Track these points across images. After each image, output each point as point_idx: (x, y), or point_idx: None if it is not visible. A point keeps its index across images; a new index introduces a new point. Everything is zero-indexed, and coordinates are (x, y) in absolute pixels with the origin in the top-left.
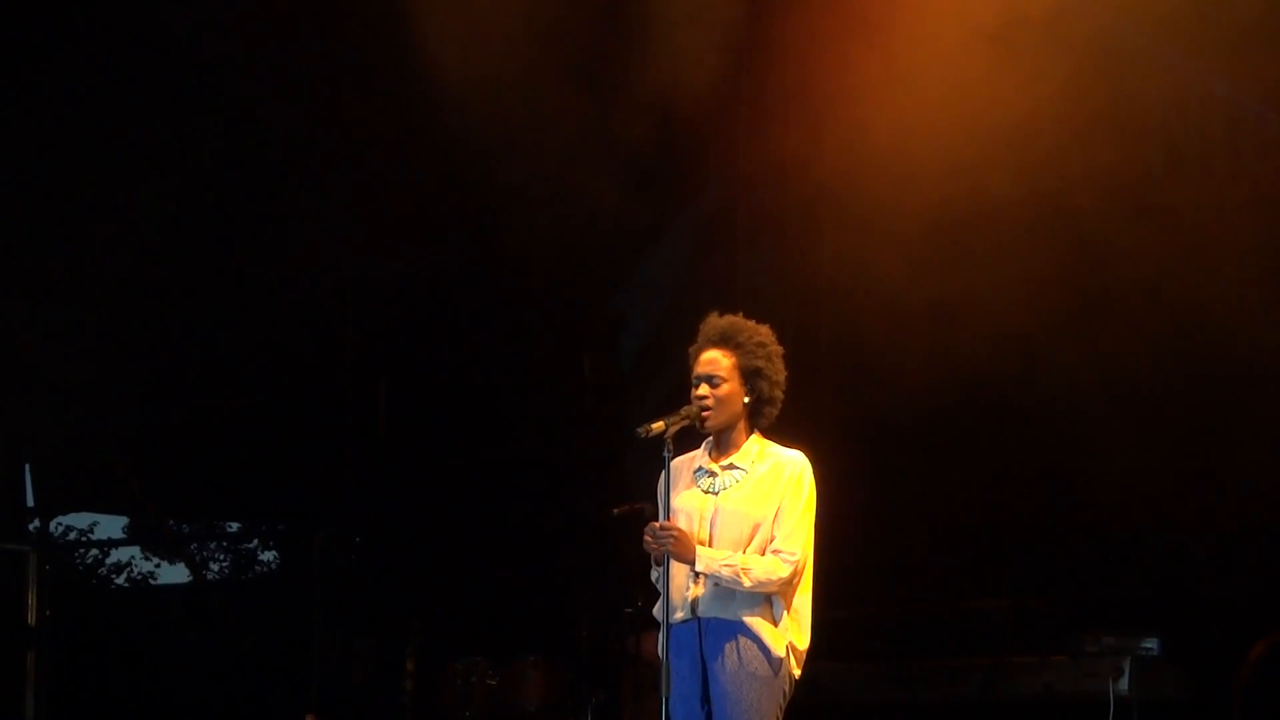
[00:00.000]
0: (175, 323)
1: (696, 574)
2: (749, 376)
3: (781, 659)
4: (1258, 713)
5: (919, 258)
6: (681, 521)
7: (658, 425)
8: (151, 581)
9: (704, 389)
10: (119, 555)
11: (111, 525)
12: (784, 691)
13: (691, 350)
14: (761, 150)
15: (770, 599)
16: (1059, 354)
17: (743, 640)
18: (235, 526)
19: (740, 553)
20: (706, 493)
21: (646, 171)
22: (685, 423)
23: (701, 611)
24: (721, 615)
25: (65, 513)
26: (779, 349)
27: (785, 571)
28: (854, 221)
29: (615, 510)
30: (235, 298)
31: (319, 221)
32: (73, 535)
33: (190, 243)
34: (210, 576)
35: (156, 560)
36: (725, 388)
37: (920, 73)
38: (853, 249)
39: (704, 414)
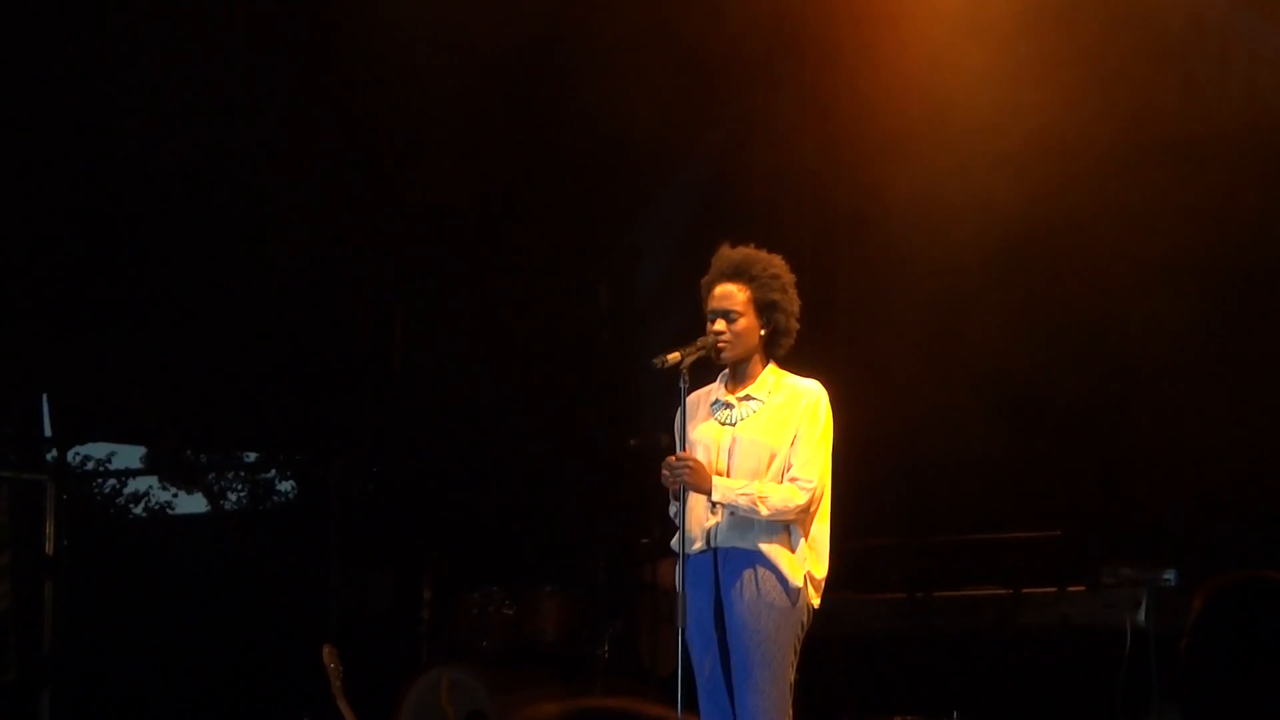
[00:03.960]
0: (189, 252)
1: (714, 504)
2: (764, 309)
3: (799, 589)
4: (1201, 668)
5: (936, 179)
6: (699, 454)
7: (673, 356)
8: (169, 511)
9: (720, 324)
10: (136, 485)
11: (129, 455)
12: (802, 622)
13: (704, 282)
14: (780, 78)
15: (788, 528)
16: (1067, 282)
17: (760, 570)
18: (253, 456)
19: (757, 481)
20: (723, 424)
21: (665, 98)
22: (701, 354)
23: (719, 542)
24: (739, 545)
25: (83, 442)
26: (792, 278)
27: (802, 499)
28: (872, 148)
29: (632, 441)
30: (250, 227)
31: (332, 150)
32: (90, 465)
33: (203, 168)
34: (228, 506)
35: (174, 490)
36: (741, 322)
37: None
38: (870, 176)
39: (720, 347)
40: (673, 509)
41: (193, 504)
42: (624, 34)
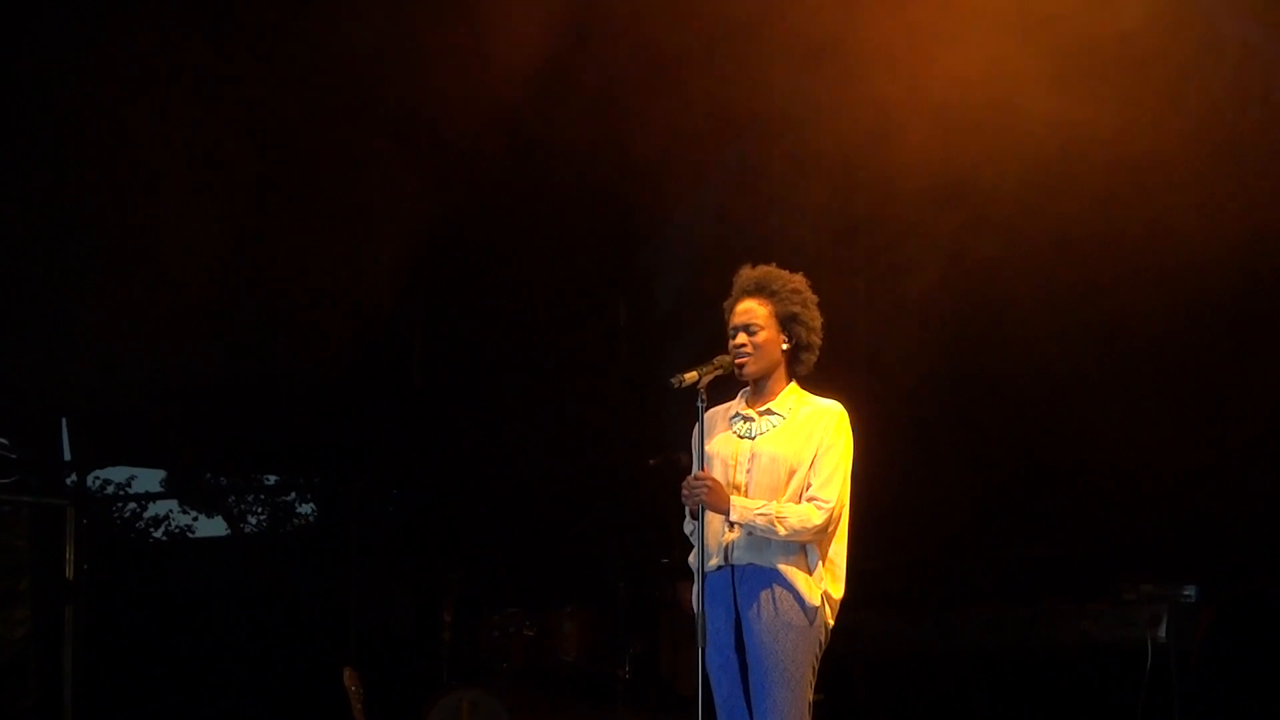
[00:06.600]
0: (209, 275)
1: (731, 523)
2: (786, 323)
3: (816, 608)
4: (1211, 681)
5: (949, 204)
6: (716, 467)
7: (690, 375)
8: (189, 535)
9: (741, 337)
10: (157, 509)
11: (149, 479)
12: (819, 641)
13: (726, 304)
14: (793, 96)
15: (805, 547)
16: (1090, 300)
17: (778, 589)
18: (273, 479)
19: (775, 501)
20: (742, 437)
21: (680, 123)
22: (719, 372)
23: (736, 558)
24: (756, 562)
25: (102, 466)
26: (813, 296)
27: (820, 519)
28: (886, 168)
29: (651, 460)
30: (270, 251)
31: (350, 171)
32: (110, 489)
33: (225, 192)
34: (248, 529)
35: (194, 513)
36: (763, 335)
37: (952, 39)
38: (886, 194)
39: (740, 361)
40: (688, 526)
41: (213, 527)
42: (641, 61)
